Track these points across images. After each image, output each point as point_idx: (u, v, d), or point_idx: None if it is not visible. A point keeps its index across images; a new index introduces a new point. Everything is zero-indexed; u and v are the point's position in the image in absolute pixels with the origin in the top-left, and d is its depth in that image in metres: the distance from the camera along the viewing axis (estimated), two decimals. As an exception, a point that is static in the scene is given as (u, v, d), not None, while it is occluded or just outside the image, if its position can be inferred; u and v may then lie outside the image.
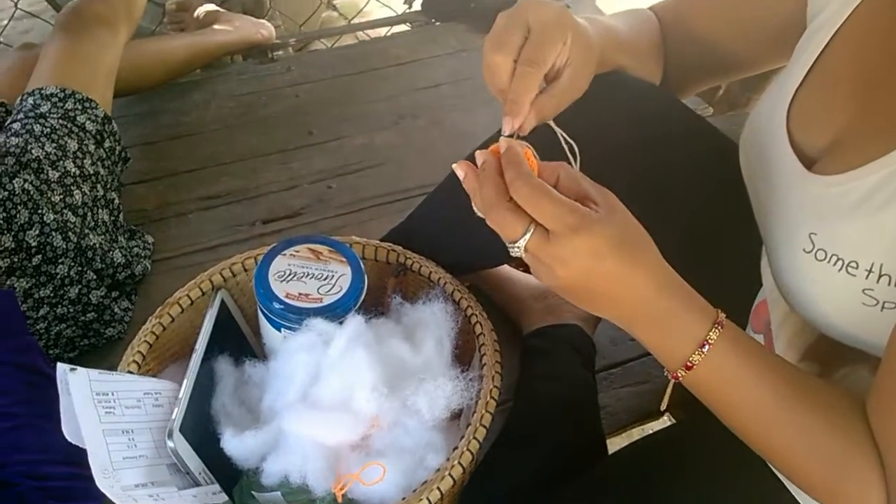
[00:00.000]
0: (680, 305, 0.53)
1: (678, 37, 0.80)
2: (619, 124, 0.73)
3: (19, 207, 0.92)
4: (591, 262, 0.50)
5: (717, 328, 0.53)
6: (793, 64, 0.66)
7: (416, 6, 1.79)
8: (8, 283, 0.92)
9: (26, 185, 0.93)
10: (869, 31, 0.60)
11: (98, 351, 1.01)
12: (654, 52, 0.81)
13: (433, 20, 1.74)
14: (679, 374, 0.54)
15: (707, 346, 0.53)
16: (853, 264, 0.54)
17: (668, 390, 0.60)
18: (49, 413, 0.66)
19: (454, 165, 0.56)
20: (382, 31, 1.82)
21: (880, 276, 0.52)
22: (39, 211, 0.93)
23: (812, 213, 0.58)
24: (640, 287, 0.52)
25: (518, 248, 0.51)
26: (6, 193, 0.91)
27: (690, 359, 0.53)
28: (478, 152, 0.55)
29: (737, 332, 0.54)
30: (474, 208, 0.55)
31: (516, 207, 0.51)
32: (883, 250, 0.52)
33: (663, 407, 0.62)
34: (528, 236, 0.51)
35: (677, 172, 0.74)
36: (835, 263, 0.55)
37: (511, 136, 0.57)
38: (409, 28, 1.78)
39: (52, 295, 0.95)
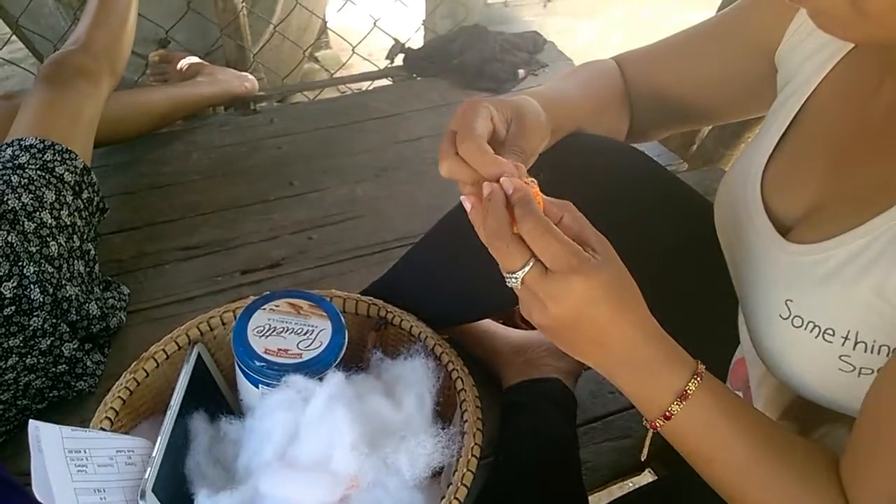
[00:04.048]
0: (662, 356, 0.54)
1: (641, 88, 0.81)
2: (591, 186, 0.73)
3: (0, 260, 0.91)
4: (583, 304, 0.51)
5: (696, 379, 0.54)
6: (765, 130, 0.67)
7: (398, 61, 1.82)
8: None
9: (10, 238, 0.92)
10: (838, 101, 0.61)
11: (69, 404, 0.98)
12: (616, 105, 0.81)
13: (415, 75, 1.77)
14: (658, 424, 0.55)
15: (686, 397, 0.54)
16: (829, 332, 0.55)
17: (647, 441, 0.61)
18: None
19: (462, 198, 0.57)
20: (364, 85, 1.85)
21: (856, 344, 0.53)
22: (20, 263, 0.92)
23: (788, 280, 0.59)
24: (627, 335, 0.53)
25: (516, 278, 0.53)
26: None
27: (669, 408, 0.54)
28: (484, 183, 0.56)
29: (716, 385, 0.55)
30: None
31: (520, 239, 0.52)
32: (858, 319, 0.53)
33: (643, 457, 0.62)
34: (527, 269, 0.52)
35: (650, 230, 0.75)
36: (811, 330, 0.56)
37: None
38: (390, 82, 1.81)
39: (21, 345, 0.93)
